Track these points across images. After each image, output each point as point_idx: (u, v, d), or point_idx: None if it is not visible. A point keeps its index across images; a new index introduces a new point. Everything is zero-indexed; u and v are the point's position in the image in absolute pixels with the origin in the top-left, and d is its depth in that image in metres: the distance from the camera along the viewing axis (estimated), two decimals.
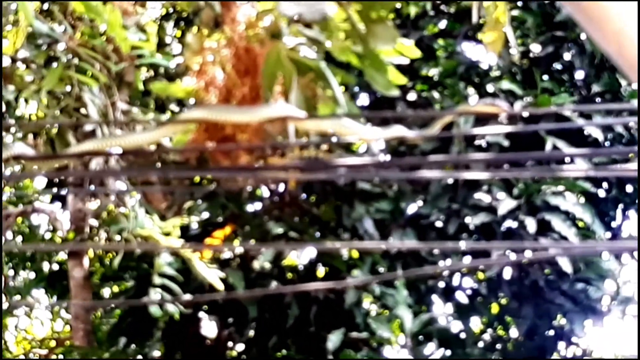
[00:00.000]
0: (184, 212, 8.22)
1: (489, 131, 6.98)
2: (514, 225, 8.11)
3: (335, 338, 7.54)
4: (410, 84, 8.94)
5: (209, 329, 8.62)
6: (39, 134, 6.85)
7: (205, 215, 8.57)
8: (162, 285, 6.85)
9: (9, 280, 10.62)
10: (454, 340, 8.16)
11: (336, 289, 8.06)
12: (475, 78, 9.13)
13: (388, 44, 3.34)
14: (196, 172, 5.40)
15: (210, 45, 3.30)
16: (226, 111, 2.94)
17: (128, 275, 8.26)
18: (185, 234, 7.76)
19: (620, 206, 8.96)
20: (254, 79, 3.20)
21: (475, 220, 8.09)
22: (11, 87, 6.77)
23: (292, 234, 8.12)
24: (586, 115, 8.20)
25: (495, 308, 8.99)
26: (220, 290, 6.43)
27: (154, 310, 7.04)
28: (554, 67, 9.11)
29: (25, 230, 10.38)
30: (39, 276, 10.47)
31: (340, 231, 8.49)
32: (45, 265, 10.54)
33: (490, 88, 8.82)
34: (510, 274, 8.49)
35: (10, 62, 6.60)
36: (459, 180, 8.26)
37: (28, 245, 10.47)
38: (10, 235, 9.62)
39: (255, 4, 3.37)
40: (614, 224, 8.97)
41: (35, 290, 10.66)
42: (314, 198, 8.97)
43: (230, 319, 8.47)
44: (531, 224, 7.85)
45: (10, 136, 7.38)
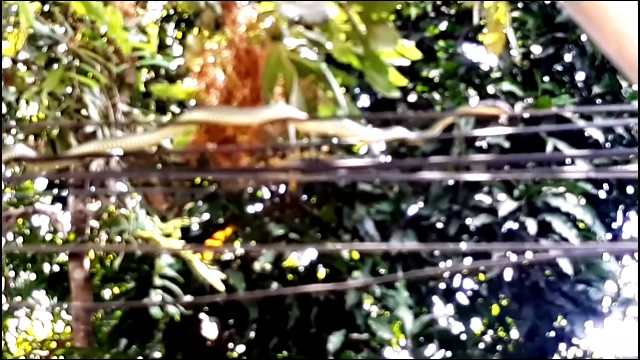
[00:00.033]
0: (184, 214, 8.22)
1: (490, 132, 7.00)
2: (514, 226, 8.11)
3: (335, 339, 7.54)
4: (410, 85, 8.95)
5: (210, 330, 8.61)
6: (40, 136, 6.85)
7: (206, 216, 8.58)
8: (163, 287, 6.84)
9: (10, 282, 10.62)
10: (454, 341, 8.15)
11: (337, 290, 8.05)
12: (475, 79, 9.13)
13: (389, 45, 3.34)
14: (197, 174, 5.41)
15: (211, 46, 3.30)
16: (227, 113, 2.94)
17: (129, 277, 8.27)
18: (186, 235, 7.76)
19: (621, 207, 8.95)
20: (254, 80, 3.20)
21: (476, 221, 8.08)
22: (12, 89, 6.77)
23: (293, 236, 8.13)
24: (587, 117, 8.19)
25: (495, 309, 8.99)
26: (221, 292, 6.43)
27: (155, 311, 7.04)
28: (555, 69, 9.11)
29: (26, 231, 10.38)
30: (39, 277, 10.47)
31: (341, 232, 8.49)
32: (46, 266, 10.54)
33: (490, 89, 8.82)
34: (511, 276, 8.49)
35: (11, 64, 6.61)
36: (460, 182, 8.26)
37: (29, 247, 10.47)
38: (11, 237, 9.62)
39: (256, 5, 3.37)
40: (614, 226, 8.97)
41: (36, 292, 10.66)
42: (314, 199, 8.98)
43: (231, 320, 8.46)
44: (532, 226, 7.85)
45: (11, 137, 7.38)
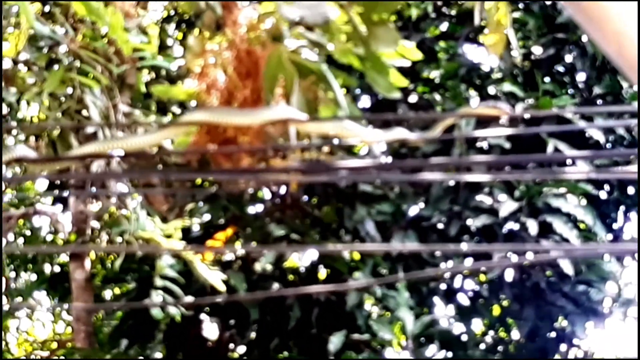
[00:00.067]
0: (185, 214, 8.23)
1: (491, 133, 6.99)
2: (515, 227, 8.10)
3: (336, 340, 7.54)
4: (411, 86, 8.95)
5: (211, 331, 8.61)
6: (41, 136, 6.86)
7: (207, 217, 8.57)
8: (164, 287, 6.85)
9: (11, 282, 10.62)
10: (455, 342, 8.15)
11: (338, 291, 8.05)
12: (476, 80, 9.12)
13: (389, 46, 3.34)
14: (198, 175, 5.41)
15: (211, 47, 3.30)
16: (228, 114, 2.94)
17: (129, 277, 8.26)
18: (187, 236, 7.75)
19: (622, 208, 8.94)
20: (255, 81, 3.20)
21: (477, 222, 8.08)
22: (13, 89, 6.78)
23: (294, 236, 8.13)
24: (587, 118, 8.19)
25: (496, 310, 8.99)
26: (221, 292, 6.43)
27: (156, 312, 7.05)
28: (556, 69, 9.10)
29: (27, 232, 10.39)
30: (40, 278, 10.47)
31: (342, 233, 8.49)
32: (46, 267, 10.55)
33: (491, 90, 8.82)
34: (512, 276, 8.49)
35: (11, 64, 6.61)
36: (461, 183, 8.25)
37: (29, 247, 10.47)
38: (11, 237, 9.62)
39: (256, 6, 3.37)
40: (615, 226, 8.96)
41: (36, 292, 10.67)
42: (315, 200, 8.97)
43: (232, 321, 8.46)
44: (532, 226, 7.85)
45: (12, 138, 7.39)
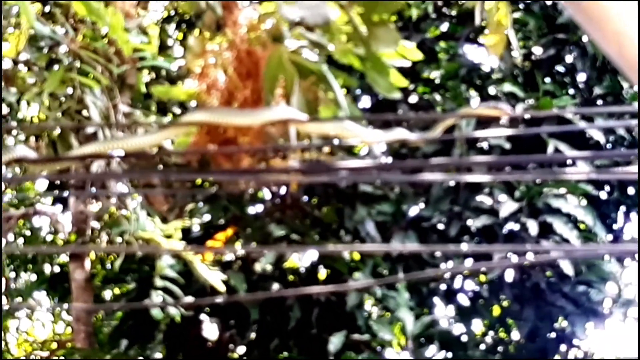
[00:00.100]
0: (185, 215, 8.23)
1: (491, 134, 7.01)
2: (515, 227, 8.10)
3: (336, 340, 7.54)
4: (412, 86, 8.95)
5: (211, 331, 8.61)
6: (41, 137, 6.86)
7: (207, 217, 8.57)
8: (164, 288, 6.85)
9: (11, 283, 10.62)
10: (455, 342, 8.15)
11: (338, 291, 8.05)
12: (477, 80, 9.12)
13: (390, 46, 3.34)
14: (198, 175, 5.41)
15: (212, 48, 3.30)
16: (228, 114, 2.94)
17: (129, 278, 8.26)
18: (187, 236, 7.75)
19: (622, 209, 8.94)
20: (255, 81, 3.20)
21: (477, 222, 8.08)
22: (13, 90, 6.78)
23: (294, 237, 8.12)
24: (588, 118, 8.19)
25: (496, 310, 8.98)
26: (221, 293, 6.42)
27: (156, 312, 7.05)
28: (556, 70, 9.10)
29: (27, 232, 10.39)
30: (40, 278, 10.47)
31: (342, 234, 8.49)
32: (46, 267, 10.55)
33: (492, 91, 8.81)
34: (512, 277, 8.48)
35: (12, 65, 6.61)
36: (461, 183, 8.25)
37: (29, 248, 10.47)
38: (11, 238, 9.62)
39: (257, 6, 3.37)
40: (615, 227, 8.96)
41: (36, 293, 10.67)
42: (315, 200, 8.97)
43: (232, 322, 8.46)
44: (533, 227, 7.84)
45: (12, 138, 7.39)
